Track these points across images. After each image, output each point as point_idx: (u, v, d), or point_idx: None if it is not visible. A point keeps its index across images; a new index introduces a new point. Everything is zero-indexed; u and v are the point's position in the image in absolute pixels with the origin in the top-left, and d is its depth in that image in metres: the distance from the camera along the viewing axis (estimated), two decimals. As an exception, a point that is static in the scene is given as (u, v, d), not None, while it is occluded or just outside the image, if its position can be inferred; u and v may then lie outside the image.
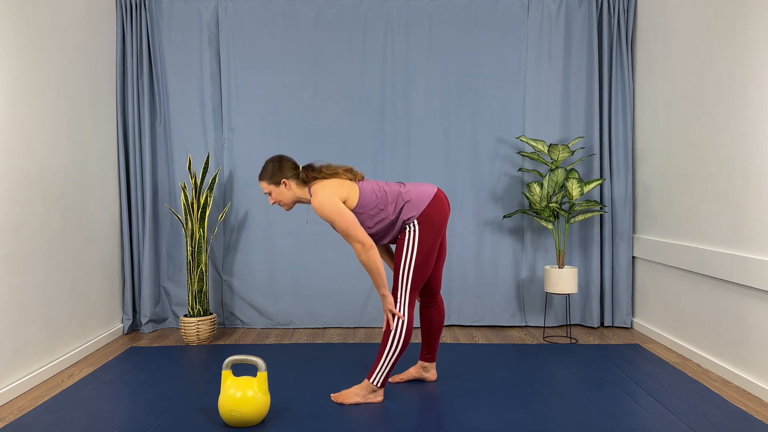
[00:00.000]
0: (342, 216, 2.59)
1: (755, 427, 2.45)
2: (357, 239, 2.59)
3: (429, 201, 2.69)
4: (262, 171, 2.77)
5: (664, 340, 3.73)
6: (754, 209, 2.87)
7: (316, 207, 2.62)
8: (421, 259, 2.67)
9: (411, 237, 2.67)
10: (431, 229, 2.68)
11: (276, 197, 2.76)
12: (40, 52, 3.17)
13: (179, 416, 2.59)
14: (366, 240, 2.59)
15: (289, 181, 2.73)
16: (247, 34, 4.16)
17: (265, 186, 2.76)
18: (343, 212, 2.59)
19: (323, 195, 2.62)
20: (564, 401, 2.74)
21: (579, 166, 4.20)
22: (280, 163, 2.75)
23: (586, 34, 4.16)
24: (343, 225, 2.59)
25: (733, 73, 3.02)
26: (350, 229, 2.59)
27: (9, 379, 2.88)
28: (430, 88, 4.18)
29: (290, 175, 2.74)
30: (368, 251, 2.59)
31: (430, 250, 2.69)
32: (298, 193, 2.75)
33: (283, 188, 2.74)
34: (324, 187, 2.66)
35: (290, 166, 2.75)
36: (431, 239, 2.68)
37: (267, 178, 2.74)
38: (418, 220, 2.67)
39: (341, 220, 2.59)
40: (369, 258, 2.59)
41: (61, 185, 3.36)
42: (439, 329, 2.99)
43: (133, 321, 4.17)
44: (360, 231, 2.59)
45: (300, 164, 2.86)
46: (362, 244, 2.59)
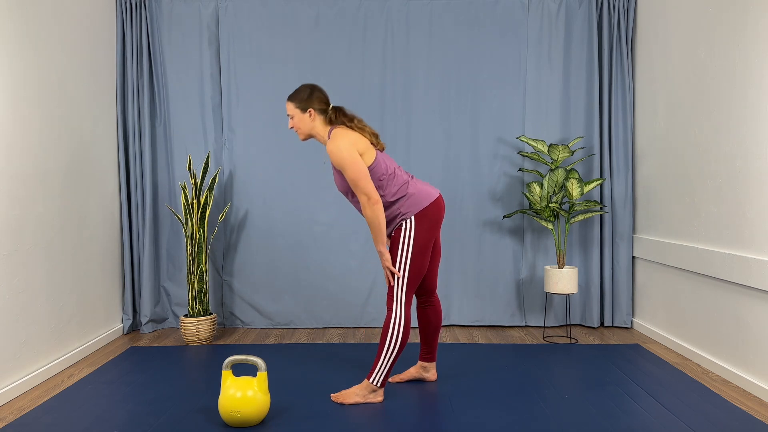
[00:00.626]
0: (355, 165, 2.58)
1: (755, 427, 2.45)
2: (365, 191, 2.58)
3: (430, 202, 2.70)
4: (293, 92, 2.76)
5: (664, 340, 3.73)
6: (754, 209, 2.87)
7: (332, 151, 2.60)
8: (416, 254, 2.67)
9: (407, 232, 2.67)
10: (427, 227, 2.69)
11: (296, 123, 2.75)
12: (40, 52, 3.17)
13: (179, 416, 2.59)
14: (373, 194, 2.58)
15: (315, 113, 2.73)
16: (247, 34, 4.16)
17: (290, 108, 2.75)
18: (357, 162, 2.58)
19: (342, 141, 2.61)
20: (564, 401, 2.74)
21: (579, 166, 4.20)
22: (313, 91, 2.74)
23: (586, 34, 4.16)
24: (355, 175, 2.58)
25: (734, 73, 3.02)
26: (361, 180, 2.58)
27: (9, 379, 2.88)
28: (430, 88, 4.18)
29: (318, 108, 2.73)
30: (374, 205, 2.58)
31: (425, 247, 2.69)
32: (318, 128, 2.75)
33: (307, 117, 2.73)
34: (345, 134, 2.65)
35: (321, 100, 2.75)
36: (426, 236, 2.69)
37: (296, 101, 2.74)
38: (415, 217, 2.68)
39: (354, 169, 2.57)
40: (374, 212, 2.59)
41: (61, 185, 3.36)
42: (437, 329, 3.00)
43: (133, 321, 4.17)
44: (369, 184, 2.58)
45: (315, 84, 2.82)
46: (369, 197, 2.58)
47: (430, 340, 3.00)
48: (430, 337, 3.00)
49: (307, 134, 2.78)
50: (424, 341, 3.01)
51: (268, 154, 4.19)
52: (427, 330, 2.99)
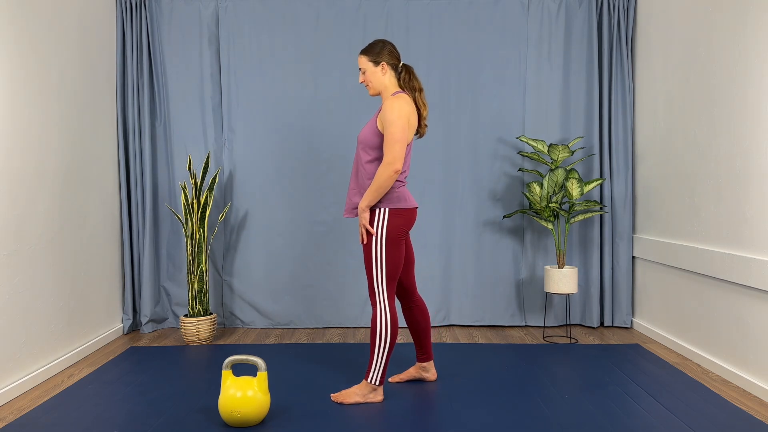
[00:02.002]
0: (402, 128, 2.58)
1: (755, 427, 2.45)
2: (394, 155, 2.57)
3: (408, 208, 2.71)
4: (367, 46, 2.76)
5: (664, 340, 3.73)
6: (754, 209, 2.87)
7: (390, 106, 2.60)
8: (390, 245, 2.66)
9: (380, 221, 2.67)
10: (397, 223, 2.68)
11: (369, 77, 2.75)
12: (39, 53, 3.17)
13: (179, 416, 2.59)
14: (398, 161, 2.57)
15: (387, 67, 2.74)
16: (247, 34, 4.16)
17: (363, 61, 2.75)
18: (404, 127, 2.59)
19: (404, 105, 2.62)
20: (564, 401, 2.74)
21: (579, 166, 4.20)
22: (386, 46, 2.75)
23: (586, 34, 4.16)
24: (396, 135, 2.57)
25: (733, 73, 3.02)
26: (398, 143, 2.57)
27: (9, 379, 2.88)
28: (430, 88, 4.18)
29: (390, 63, 2.74)
30: (392, 173, 2.57)
31: (397, 239, 2.68)
32: (387, 83, 2.75)
33: (379, 70, 2.73)
34: (410, 103, 2.67)
35: (394, 55, 2.76)
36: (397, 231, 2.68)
37: (370, 54, 2.74)
38: (390, 211, 2.67)
39: (398, 130, 2.57)
40: (388, 177, 2.58)
41: (61, 185, 3.36)
42: (427, 328, 2.99)
43: (133, 321, 4.17)
44: (401, 152, 2.58)
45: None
46: (393, 161, 2.57)
47: (422, 341, 3.00)
48: (421, 338, 2.99)
49: (377, 89, 2.77)
50: (416, 343, 3.01)
51: (268, 154, 4.19)
52: (417, 331, 2.99)
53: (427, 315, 2.99)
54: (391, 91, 2.75)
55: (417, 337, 3.00)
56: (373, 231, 2.66)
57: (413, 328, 2.99)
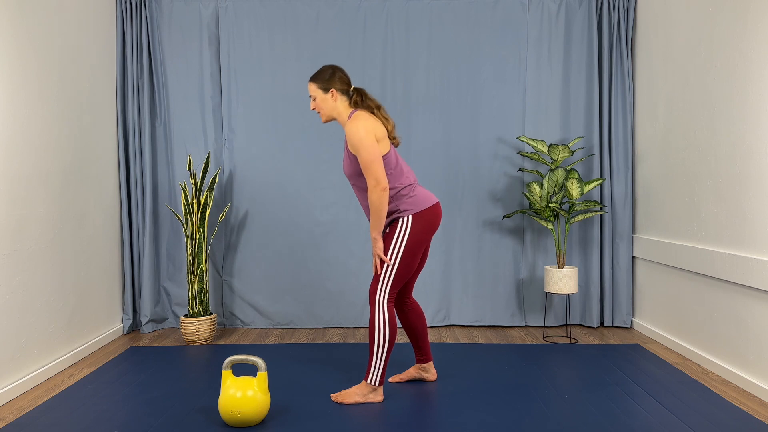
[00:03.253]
0: (371, 148, 2.57)
1: (755, 427, 2.45)
2: (376, 175, 2.57)
3: (430, 206, 2.71)
4: (316, 73, 2.75)
5: (664, 340, 3.73)
6: (754, 209, 2.87)
7: (351, 131, 2.59)
8: (407, 253, 2.67)
9: (402, 229, 2.67)
10: (421, 229, 2.69)
11: (319, 104, 2.74)
12: (39, 52, 3.17)
13: (179, 416, 2.59)
14: (383, 179, 2.57)
15: (337, 94, 2.72)
16: (247, 35, 4.16)
17: (312, 89, 2.74)
18: (372, 145, 2.57)
19: (362, 123, 2.60)
20: (564, 401, 2.74)
21: (579, 166, 4.20)
22: (335, 72, 2.73)
23: (586, 34, 4.16)
24: (369, 157, 2.56)
25: (734, 73, 3.02)
26: (374, 163, 2.56)
27: (9, 379, 2.88)
28: (430, 88, 4.18)
29: (340, 89, 2.73)
30: (381, 191, 2.57)
31: (417, 248, 2.69)
32: (340, 108, 2.74)
33: (329, 97, 2.72)
34: (367, 117, 2.65)
35: (344, 80, 2.74)
36: (420, 238, 2.69)
37: (318, 81, 2.73)
38: (413, 216, 2.68)
39: (368, 152, 2.56)
40: (380, 198, 2.58)
41: (61, 185, 3.36)
42: (424, 330, 2.98)
43: (133, 321, 4.17)
44: (381, 169, 2.57)
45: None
46: (378, 181, 2.57)
47: (419, 342, 2.99)
48: (419, 340, 2.99)
49: (328, 115, 2.76)
50: (414, 345, 3.01)
51: (268, 154, 4.19)
52: (415, 334, 2.98)
53: (422, 317, 2.99)
54: (345, 116, 2.74)
55: (414, 339, 2.99)
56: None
57: (410, 331, 2.98)
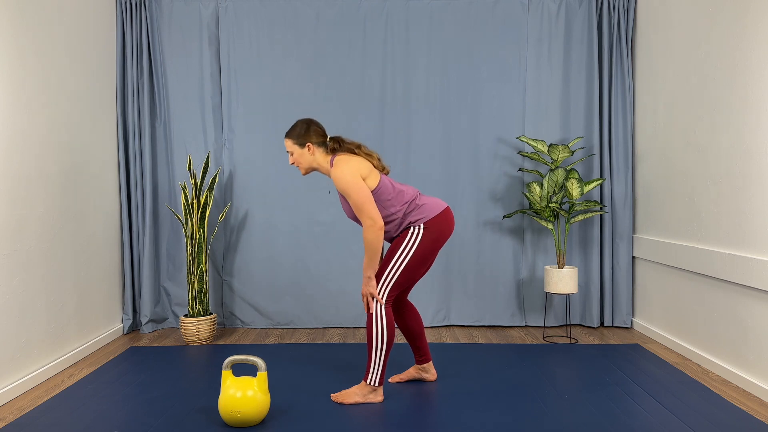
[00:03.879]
0: (359, 189, 2.58)
1: (755, 427, 2.45)
2: (369, 215, 2.57)
3: (440, 212, 2.71)
4: (290, 129, 2.76)
5: (664, 340, 3.73)
6: (754, 209, 2.87)
7: (336, 176, 2.61)
8: (414, 262, 2.67)
9: (412, 238, 2.67)
10: (433, 237, 2.68)
11: (296, 158, 2.75)
12: (40, 52, 3.17)
13: (179, 416, 2.59)
14: (377, 218, 2.57)
15: (314, 147, 2.73)
16: (247, 34, 4.16)
17: (289, 145, 2.75)
18: (360, 186, 2.58)
19: (345, 166, 2.61)
20: (564, 401, 2.74)
21: (579, 166, 4.20)
22: (309, 126, 2.74)
23: (586, 34, 4.16)
24: (359, 199, 2.57)
25: (734, 73, 3.02)
26: (365, 204, 2.57)
27: (9, 379, 2.88)
28: (430, 88, 4.18)
29: (316, 142, 2.73)
30: (377, 230, 2.57)
31: (425, 257, 2.69)
32: (319, 160, 2.75)
33: (306, 152, 2.73)
34: (348, 159, 2.66)
35: (318, 133, 2.75)
36: (430, 246, 2.68)
37: (293, 137, 2.74)
38: (425, 225, 2.68)
39: (357, 193, 2.57)
40: (376, 237, 2.58)
41: (61, 185, 3.36)
42: (421, 331, 2.98)
43: (133, 321, 4.17)
44: (374, 208, 2.58)
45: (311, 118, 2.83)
46: (373, 221, 2.57)
47: (417, 343, 2.99)
48: (416, 341, 2.98)
49: (308, 168, 2.78)
50: (413, 346, 3.00)
51: (268, 154, 4.19)
52: (412, 335, 2.98)
53: (418, 318, 2.98)
54: (326, 165, 2.75)
55: (412, 340, 2.99)
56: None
57: (407, 332, 2.98)
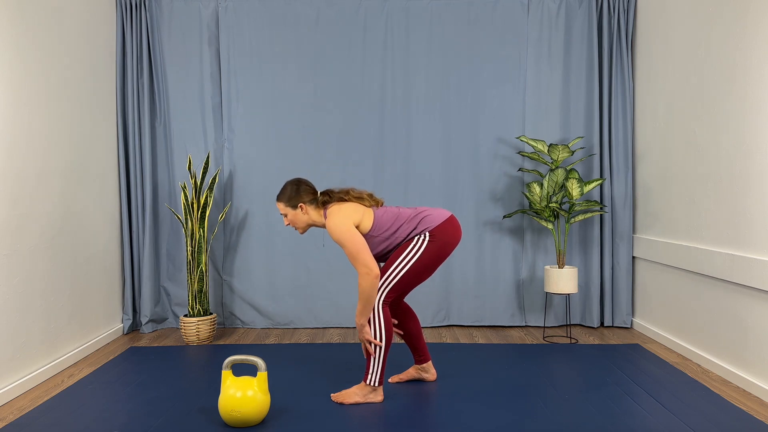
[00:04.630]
0: (353, 239, 2.59)
1: (755, 427, 2.45)
2: (364, 264, 2.58)
3: (444, 219, 2.72)
4: (280, 192, 2.79)
5: (664, 340, 3.73)
6: (754, 209, 2.87)
7: (329, 228, 2.64)
8: (416, 269, 2.67)
9: (417, 245, 2.68)
10: (438, 245, 2.68)
11: (291, 220, 2.79)
12: (40, 52, 3.17)
13: (179, 416, 2.59)
14: (373, 267, 2.58)
15: (306, 206, 2.76)
16: (247, 34, 4.16)
17: (281, 207, 2.79)
18: (354, 236, 2.60)
19: (337, 217, 2.64)
20: (564, 401, 2.74)
21: (579, 166, 4.20)
22: (299, 186, 2.77)
23: (586, 34, 4.16)
24: (353, 248, 2.58)
25: (733, 73, 3.02)
26: (360, 253, 2.58)
27: (9, 379, 2.88)
28: (430, 88, 4.18)
29: (308, 200, 2.76)
30: (372, 279, 2.57)
31: (428, 266, 2.69)
32: (314, 217, 2.78)
33: (300, 212, 2.77)
34: (340, 209, 2.68)
35: (308, 191, 2.78)
36: (435, 255, 2.69)
37: (285, 200, 2.77)
38: (430, 233, 2.69)
39: (351, 243, 2.59)
40: (371, 285, 2.57)
41: (61, 185, 3.36)
42: (418, 331, 2.98)
43: (133, 321, 4.17)
44: (369, 257, 2.58)
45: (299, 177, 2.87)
46: (369, 269, 2.57)
47: (416, 344, 2.98)
48: (414, 342, 2.98)
49: (304, 227, 2.81)
50: (411, 347, 3.00)
51: (268, 154, 4.19)
52: (410, 336, 2.98)
53: (415, 318, 2.98)
54: (321, 219, 2.77)
55: (410, 341, 2.99)
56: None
57: (405, 334, 2.98)
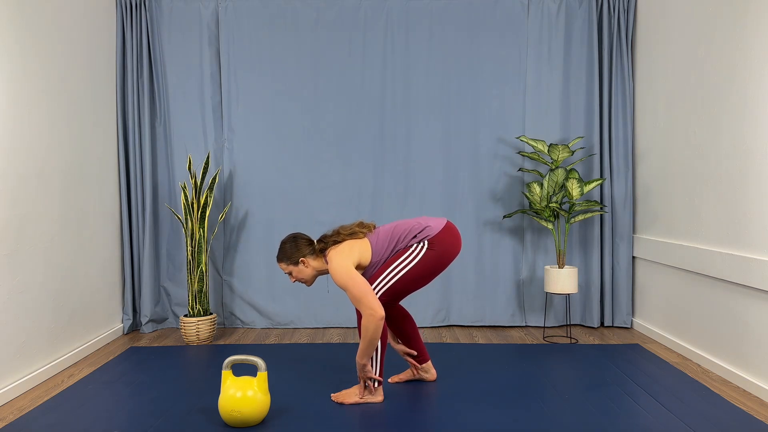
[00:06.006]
0: (354, 282, 2.57)
1: (755, 427, 2.45)
2: (369, 306, 2.54)
3: (443, 226, 2.73)
4: (279, 252, 2.78)
5: (664, 340, 3.73)
6: (754, 209, 2.87)
7: (333, 274, 2.63)
8: (412, 275, 2.67)
9: (415, 252, 2.69)
10: (437, 257, 2.69)
11: (297, 276, 2.78)
12: (40, 53, 3.17)
13: (179, 416, 2.59)
14: (378, 309, 2.54)
15: (307, 259, 2.76)
16: (247, 34, 4.16)
17: (284, 267, 2.78)
18: (355, 279, 2.57)
19: (337, 262, 2.63)
20: (564, 401, 2.74)
21: (579, 166, 4.20)
22: (296, 242, 2.77)
23: (586, 34, 4.16)
24: (357, 293, 2.55)
25: (733, 72, 3.02)
26: (364, 296, 2.55)
27: (9, 379, 2.88)
28: (430, 88, 4.18)
29: (307, 252, 2.76)
30: (377, 321, 2.54)
31: (425, 274, 2.70)
32: (317, 266, 2.78)
33: (302, 267, 2.76)
34: (337, 253, 2.67)
35: (305, 243, 2.77)
36: (432, 265, 2.69)
37: (285, 259, 2.76)
38: (429, 241, 2.69)
39: (353, 286, 2.56)
40: (376, 327, 2.54)
41: (62, 185, 3.36)
42: (414, 332, 2.97)
43: (133, 321, 4.17)
44: (373, 299, 2.55)
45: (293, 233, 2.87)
46: (373, 312, 2.53)
47: (413, 344, 2.98)
48: (412, 344, 2.98)
49: (311, 279, 2.81)
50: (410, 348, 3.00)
51: (268, 154, 4.19)
52: (407, 338, 2.97)
53: (411, 321, 2.97)
54: (324, 267, 2.78)
55: (407, 343, 2.98)
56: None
57: (401, 334, 2.96)
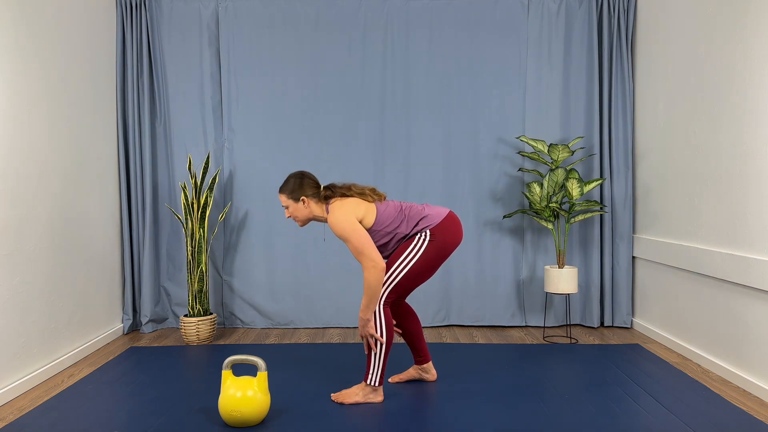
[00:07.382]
0: (357, 234, 2.58)
1: (755, 427, 2.45)
2: (370, 257, 2.56)
3: (444, 216, 2.72)
4: (283, 184, 2.79)
5: (664, 340, 3.73)
6: (754, 209, 2.87)
7: (332, 224, 2.62)
8: (417, 269, 2.67)
9: (418, 244, 2.68)
10: (439, 248, 2.68)
11: (292, 212, 2.78)
12: (40, 53, 3.17)
13: (179, 416, 2.59)
14: (378, 261, 2.56)
15: (308, 200, 2.75)
16: (247, 35, 4.16)
17: (283, 199, 2.78)
18: (357, 230, 2.58)
19: (340, 213, 2.63)
20: (564, 401, 2.74)
21: (579, 166, 4.20)
22: (302, 179, 2.77)
23: (586, 34, 4.16)
24: (358, 243, 2.57)
25: (733, 72, 3.03)
26: (365, 248, 2.56)
27: (9, 379, 2.88)
28: (430, 88, 4.18)
29: (310, 194, 2.75)
30: (379, 272, 2.56)
31: (429, 267, 2.69)
32: (315, 211, 2.77)
33: (301, 205, 2.76)
34: (342, 205, 2.67)
35: (311, 185, 2.77)
36: (435, 257, 2.69)
37: (287, 192, 2.77)
38: (431, 231, 2.69)
39: (355, 238, 2.57)
40: (377, 279, 2.56)
41: (62, 185, 3.36)
42: (419, 332, 2.98)
43: (133, 321, 4.17)
44: (374, 251, 2.57)
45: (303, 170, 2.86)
46: (374, 263, 2.56)
47: (416, 344, 2.98)
48: (415, 343, 2.98)
49: (305, 220, 2.80)
50: (411, 348, 3.00)
51: (268, 154, 4.19)
52: (410, 337, 2.98)
53: (416, 319, 2.98)
54: (323, 213, 2.77)
55: (410, 342, 2.99)
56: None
57: (405, 334, 2.98)
